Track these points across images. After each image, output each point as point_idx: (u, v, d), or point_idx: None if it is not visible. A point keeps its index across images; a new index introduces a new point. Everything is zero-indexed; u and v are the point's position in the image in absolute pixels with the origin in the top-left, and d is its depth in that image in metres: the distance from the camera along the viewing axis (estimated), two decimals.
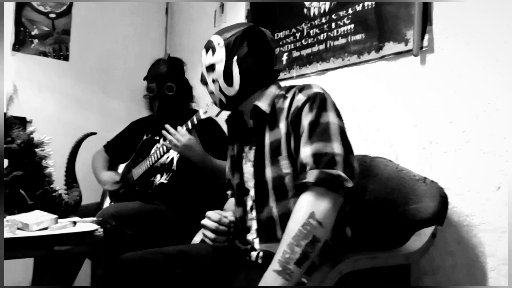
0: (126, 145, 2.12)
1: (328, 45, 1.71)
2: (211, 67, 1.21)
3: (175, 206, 1.84)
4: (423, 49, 1.40)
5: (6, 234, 1.02)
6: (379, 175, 1.33)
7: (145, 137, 2.07)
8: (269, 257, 1.01)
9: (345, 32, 1.65)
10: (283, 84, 1.27)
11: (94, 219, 1.28)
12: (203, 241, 1.25)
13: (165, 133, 1.65)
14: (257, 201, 1.17)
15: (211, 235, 1.20)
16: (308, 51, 1.80)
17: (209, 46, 1.22)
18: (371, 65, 1.57)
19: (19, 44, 2.30)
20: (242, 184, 1.24)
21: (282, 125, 1.13)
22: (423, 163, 1.40)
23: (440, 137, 1.37)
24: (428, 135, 1.40)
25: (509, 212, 1.18)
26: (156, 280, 1.19)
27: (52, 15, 2.40)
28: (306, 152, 1.03)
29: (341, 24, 1.67)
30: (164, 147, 1.76)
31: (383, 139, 1.53)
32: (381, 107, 1.54)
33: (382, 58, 1.53)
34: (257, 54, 1.18)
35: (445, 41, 1.36)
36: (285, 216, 1.03)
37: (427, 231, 1.16)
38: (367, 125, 1.58)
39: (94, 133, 1.50)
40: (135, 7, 2.71)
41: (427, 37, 1.39)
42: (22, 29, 2.31)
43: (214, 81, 1.21)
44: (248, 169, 1.22)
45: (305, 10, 1.83)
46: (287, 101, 1.14)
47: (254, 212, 1.19)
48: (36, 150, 1.31)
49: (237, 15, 2.21)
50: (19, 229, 1.08)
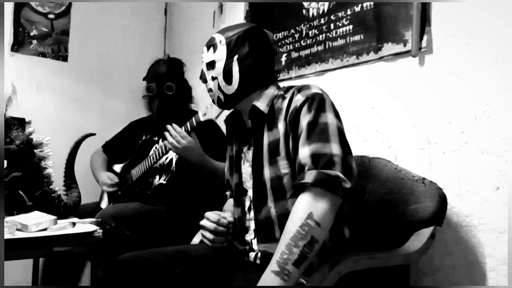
0: (124, 145, 2.12)
1: (327, 46, 1.71)
2: (211, 64, 1.21)
3: (174, 207, 1.84)
4: (422, 49, 1.40)
5: (5, 235, 1.02)
6: (378, 175, 1.33)
7: (144, 137, 2.07)
8: (267, 257, 1.01)
9: (344, 33, 1.65)
10: (282, 84, 1.27)
11: (93, 220, 1.27)
12: (202, 241, 1.25)
13: (166, 134, 1.65)
14: (255, 201, 1.17)
15: (209, 235, 1.20)
16: (307, 52, 1.80)
17: (211, 44, 1.22)
18: (370, 66, 1.57)
19: (18, 45, 2.30)
20: (241, 184, 1.24)
21: (281, 126, 1.13)
22: (422, 163, 1.40)
23: (439, 137, 1.37)
24: (427, 136, 1.40)
25: (508, 212, 1.18)
26: (155, 280, 1.19)
27: (51, 16, 2.40)
28: (304, 152, 1.03)
29: (340, 25, 1.67)
30: (163, 147, 1.76)
31: (382, 139, 1.53)
32: (380, 107, 1.54)
33: (381, 59, 1.53)
34: (257, 54, 1.18)
35: (443, 41, 1.36)
36: (283, 217, 1.03)
37: (426, 232, 1.16)
38: (366, 125, 1.58)
39: (93, 134, 1.51)
40: (134, 7, 2.71)
41: (425, 37, 1.39)
42: (21, 29, 2.31)
43: (213, 78, 1.21)
44: (246, 169, 1.23)
45: (304, 11, 1.82)
46: (286, 102, 1.14)
47: (252, 213, 1.19)
48: (35, 151, 1.31)
49: (236, 15, 2.21)
50: (18, 230, 1.08)
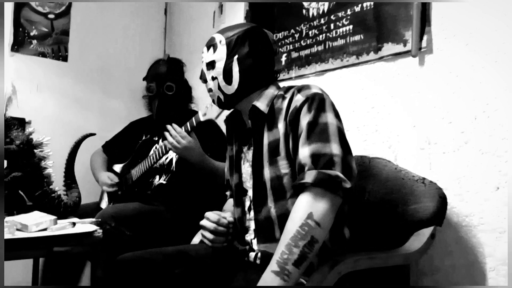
0: (124, 145, 2.13)
1: (327, 46, 1.71)
2: (211, 64, 1.21)
3: (174, 207, 1.84)
4: (422, 49, 1.40)
5: (5, 235, 1.02)
6: (378, 175, 1.33)
7: (144, 137, 2.07)
8: (267, 257, 1.01)
9: (344, 33, 1.65)
10: (282, 84, 1.27)
11: (93, 220, 1.27)
12: (202, 241, 1.25)
13: (166, 134, 1.65)
14: (255, 201, 1.17)
15: (209, 235, 1.20)
16: (307, 52, 1.80)
17: (211, 44, 1.21)
18: (370, 66, 1.57)
19: (18, 45, 2.30)
20: (241, 184, 1.24)
21: (281, 125, 1.13)
22: (422, 163, 1.40)
23: (439, 137, 1.37)
24: (427, 136, 1.40)
25: (508, 212, 1.18)
26: (155, 281, 1.19)
27: (51, 16, 2.40)
28: (304, 152, 1.03)
29: (340, 25, 1.67)
30: (164, 147, 1.75)
31: (382, 139, 1.53)
32: (380, 107, 1.54)
33: (381, 59, 1.53)
34: (258, 54, 1.18)
35: (443, 41, 1.36)
36: (283, 217, 1.03)
37: (426, 232, 1.16)
38: (366, 125, 1.58)
39: (93, 134, 1.51)
40: (134, 7, 2.71)
41: (425, 37, 1.39)
42: (20, 29, 2.31)
43: (213, 78, 1.21)
44: (246, 169, 1.23)
45: (304, 11, 1.82)
46: (286, 102, 1.14)
47: (252, 213, 1.19)
48: (35, 151, 1.31)
49: (236, 15, 2.21)
50: (18, 230, 1.08)
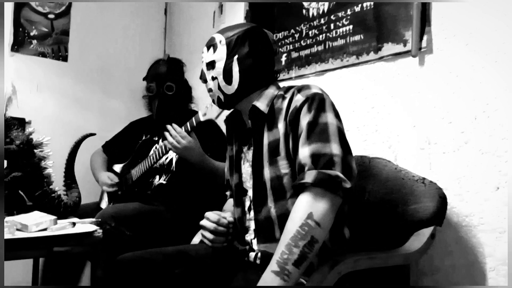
0: (124, 145, 2.13)
1: (327, 46, 1.71)
2: (211, 64, 1.21)
3: (174, 207, 1.84)
4: (422, 49, 1.40)
5: (5, 235, 1.02)
6: (378, 175, 1.33)
7: (144, 137, 2.07)
8: (267, 257, 1.01)
9: (344, 33, 1.65)
10: (282, 84, 1.27)
11: (93, 220, 1.27)
12: (202, 241, 1.25)
13: (166, 134, 1.65)
14: (255, 201, 1.17)
15: (209, 235, 1.20)
16: (307, 52, 1.80)
17: (211, 44, 1.21)
18: (370, 66, 1.57)
19: (18, 45, 2.30)
20: (241, 184, 1.24)
21: (281, 125, 1.13)
22: (422, 163, 1.40)
23: (439, 137, 1.37)
24: (427, 136, 1.40)
25: (508, 212, 1.18)
26: (155, 281, 1.19)
27: (51, 16, 2.40)
28: (304, 152, 1.03)
29: (340, 25, 1.67)
30: (164, 147, 1.75)
31: (382, 139, 1.53)
32: (380, 107, 1.54)
33: (381, 59, 1.53)
34: (257, 54, 1.18)
35: (443, 41, 1.36)
36: (283, 217, 1.03)
37: (426, 232, 1.16)
38: (366, 125, 1.58)
39: (93, 134, 1.51)
40: (134, 7, 2.71)
41: (425, 37, 1.39)
42: (20, 29, 2.31)
43: (213, 78, 1.21)
44: (246, 169, 1.23)
45: (304, 11, 1.82)
46: (286, 102, 1.14)
47: (252, 213, 1.19)
48: (35, 151, 1.31)
49: (236, 15, 2.21)
50: (18, 230, 1.08)
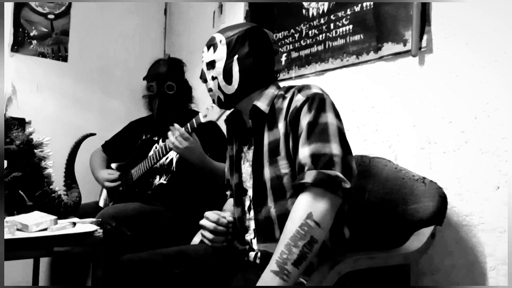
0: (124, 145, 2.13)
1: (327, 46, 1.71)
2: (211, 64, 1.20)
3: (174, 207, 1.84)
4: (422, 49, 1.40)
5: (5, 235, 1.02)
6: (378, 175, 1.33)
7: (144, 137, 2.07)
8: (267, 257, 1.01)
9: (344, 33, 1.65)
10: (282, 84, 1.27)
11: (94, 220, 1.28)
12: (202, 241, 1.25)
13: (169, 134, 1.64)
14: (255, 201, 1.17)
15: (209, 235, 1.20)
16: (307, 51, 1.80)
17: (211, 43, 1.21)
18: (370, 65, 1.57)
19: (18, 45, 2.30)
20: (241, 184, 1.24)
21: (281, 125, 1.12)
22: (422, 163, 1.40)
23: (439, 137, 1.37)
24: (427, 135, 1.40)
25: (509, 212, 1.18)
26: (155, 281, 1.19)
27: (51, 16, 2.40)
28: (304, 152, 1.03)
29: (340, 24, 1.67)
30: (164, 147, 1.75)
31: (382, 139, 1.53)
32: (380, 107, 1.54)
33: (381, 58, 1.53)
34: (258, 54, 1.18)
35: (443, 41, 1.36)
36: (283, 216, 1.03)
37: (426, 231, 1.16)
38: (366, 125, 1.58)
39: (93, 134, 1.51)
40: (134, 7, 2.71)
41: (425, 37, 1.39)
42: (20, 30, 2.31)
43: (213, 78, 1.20)
44: (246, 169, 1.22)
45: (303, 11, 1.83)
46: (286, 101, 1.14)
47: (252, 212, 1.19)
48: (35, 151, 1.31)
49: (236, 15, 2.21)
50: (18, 230, 1.08)
